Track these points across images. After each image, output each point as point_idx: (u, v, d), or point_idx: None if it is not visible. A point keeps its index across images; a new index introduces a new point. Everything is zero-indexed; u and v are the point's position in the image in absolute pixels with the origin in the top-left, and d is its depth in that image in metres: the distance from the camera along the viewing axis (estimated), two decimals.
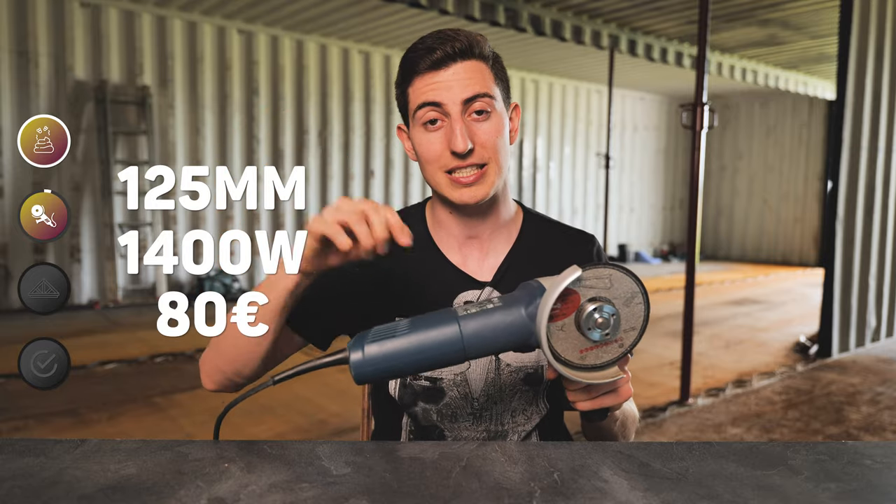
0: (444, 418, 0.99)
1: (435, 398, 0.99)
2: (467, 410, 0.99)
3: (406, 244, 0.76)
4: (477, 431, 1.00)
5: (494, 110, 0.93)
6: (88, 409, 3.39)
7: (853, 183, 4.89)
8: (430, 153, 0.93)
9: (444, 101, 0.90)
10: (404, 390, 1.00)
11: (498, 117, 0.94)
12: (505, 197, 1.02)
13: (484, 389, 0.99)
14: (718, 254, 12.21)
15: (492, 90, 0.93)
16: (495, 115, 0.94)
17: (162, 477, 0.71)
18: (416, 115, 0.93)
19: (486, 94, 0.92)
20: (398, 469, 0.73)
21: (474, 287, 1.00)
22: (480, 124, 0.92)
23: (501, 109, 0.95)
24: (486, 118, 0.93)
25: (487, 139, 0.92)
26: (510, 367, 0.99)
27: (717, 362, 4.58)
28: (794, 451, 0.79)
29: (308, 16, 6.68)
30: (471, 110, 0.92)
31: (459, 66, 0.91)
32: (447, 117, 0.91)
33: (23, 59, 5.85)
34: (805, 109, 11.14)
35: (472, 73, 0.91)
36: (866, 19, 4.79)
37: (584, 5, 6.32)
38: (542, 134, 10.10)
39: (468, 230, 1.01)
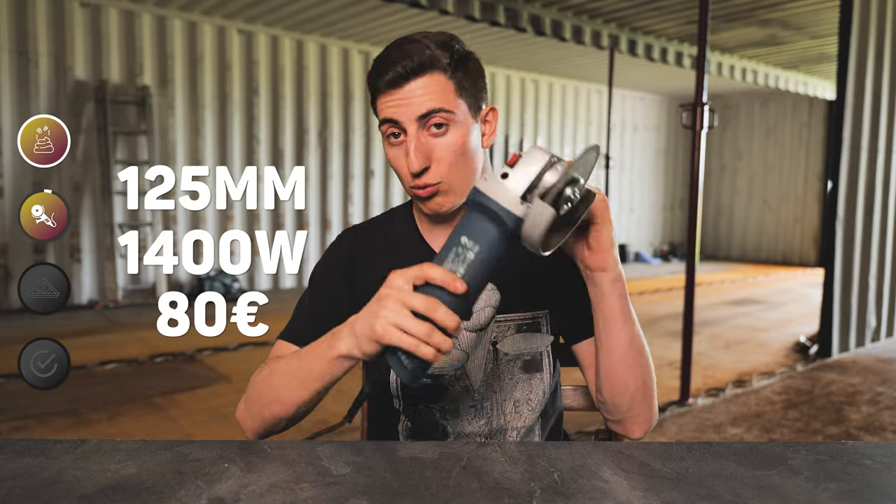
0: (447, 414, 1.00)
1: (437, 396, 1.00)
2: (468, 403, 0.99)
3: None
4: (479, 424, 1.00)
5: (454, 122, 0.92)
6: (88, 409, 3.39)
7: (853, 183, 4.89)
8: (396, 167, 0.95)
9: (400, 118, 0.91)
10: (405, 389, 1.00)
11: (459, 129, 0.93)
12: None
13: (483, 379, 1.00)
14: (718, 254, 12.21)
15: (451, 103, 0.91)
16: (455, 127, 0.93)
17: (162, 477, 0.71)
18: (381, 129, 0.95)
19: (441, 110, 0.91)
20: (398, 469, 0.73)
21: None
22: (438, 139, 0.92)
23: (465, 119, 0.94)
24: (444, 132, 0.92)
25: (444, 155, 0.92)
26: (507, 355, 1.00)
27: (717, 362, 4.58)
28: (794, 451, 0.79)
29: (308, 16, 6.68)
30: (429, 124, 0.91)
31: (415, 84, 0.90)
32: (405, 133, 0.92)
33: (23, 59, 5.85)
34: (805, 109, 11.14)
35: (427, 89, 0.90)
36: (866, 19, 4.79)
37: (584, 5, 6.32)
38: (542, 134, 10.10)
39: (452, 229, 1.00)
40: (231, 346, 4.70)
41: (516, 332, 1.00)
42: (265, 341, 4.91)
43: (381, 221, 1.09)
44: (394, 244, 1.05)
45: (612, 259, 0.86)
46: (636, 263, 10.99)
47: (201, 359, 4.43)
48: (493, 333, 1.00)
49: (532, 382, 1.01)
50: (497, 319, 1.00)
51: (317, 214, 7.76)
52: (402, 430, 1.03)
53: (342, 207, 7.94)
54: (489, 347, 1.00)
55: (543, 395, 1.02)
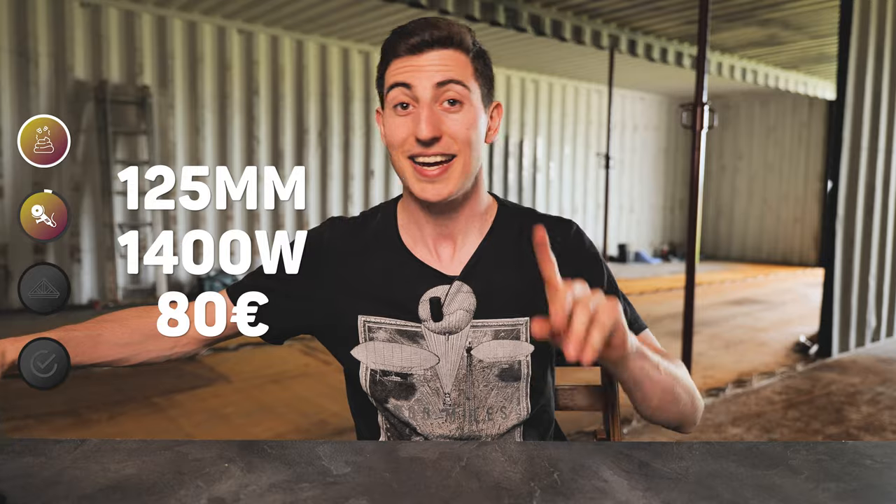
0: (416, 414, 0.97)
1: (406, 394, 0.97)
2: (439, 406, 0.97)
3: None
4: (450, 429, 0.97)
5: (469, 102, 0.91)
6: (88, 409, 3.39)
7: (853, 183, 4.88)
8: (396, 137, 0.91)
9: (415, 83, 0.89)
10: (375, 386, 0.98)
11: (472, 111, 0.91)
12: (477, 193, 1.00)
13: (455, 384, 0.96)
14: (718, 254, 12.21)
15: (468, 81, 0.91)
16: (469, 107, 0.91)
17: (162, 477, 0.71)
18: (388, 97, 0.92)
19: (459, 82, 0.89)
20: (398, 469, 0.73)
21: (442, 282, 0.97)
22: (451, 115, 0.90)
23: (478, 104, 0.93)
24: (458, 109, 0.90)
25: (457, 130, 0.90)
26: (482, 362, 0.96)
27: (717, 362, 4.58)
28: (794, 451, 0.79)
29: (308, 16, 6.68)
30: (443, 98, 0.89)
31: (437, 53, 0.89)
32: (417, 102, 0.89)
33: (23, 59, 5.85)
34: (805, 109, 11.14)
35: (448, 61, 0.90)
36: (866, 19, 4.79)
37: (584, 5, 6.32)
38: (542, 134, 10.10)
39: (439, 227, 0.98)
40: (231, 347, 4.70)
41: (493, 338, 0.97)
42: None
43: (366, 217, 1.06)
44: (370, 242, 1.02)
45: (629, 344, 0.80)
46: (636, 263, 10.99)
47: (201, 359, 4.43)
48: (468, 339, 0.96)
49: (508, 391, 0.97)
50: (474, 325, 0.96)
51: (317, 214, 7.77)
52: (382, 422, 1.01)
53: (342, 207, 7.94)
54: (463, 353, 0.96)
55: (519, 404, 0.98)
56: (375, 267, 0.99)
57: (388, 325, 0.97)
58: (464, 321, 0.96)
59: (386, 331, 0.96)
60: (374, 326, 0.97)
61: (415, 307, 0.96)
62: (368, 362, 0.97)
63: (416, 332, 0.96)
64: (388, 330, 0.96)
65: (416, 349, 0.96)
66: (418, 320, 0.96)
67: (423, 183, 0.91)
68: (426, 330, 0.96)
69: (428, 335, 0.96)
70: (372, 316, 0.97)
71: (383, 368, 0.96)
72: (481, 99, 0.94)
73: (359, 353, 0.97)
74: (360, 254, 1.01)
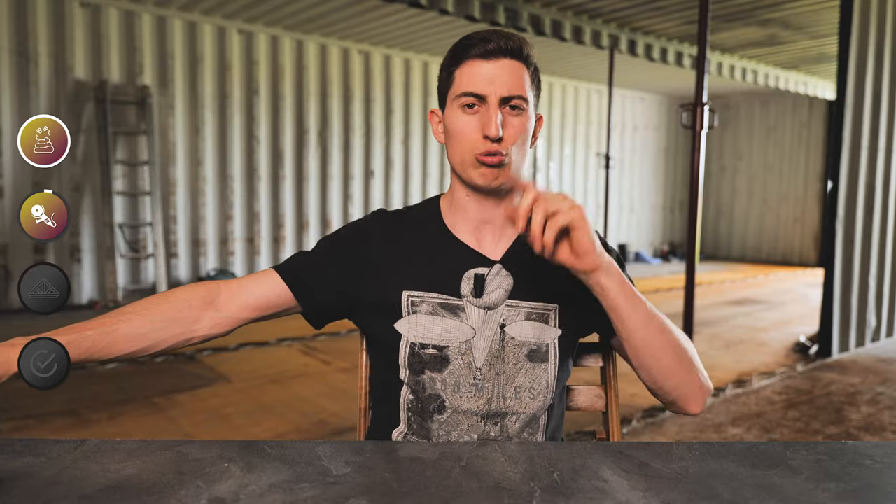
0: (448, 387, 1.02)
1: (441, 366, 1.02)
2: (469, 381, 1.01)
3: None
4: (478, 403, 1.01)
5: (526, 111, 1.01)
6: (88, 409, 3.39)
7: (853, 183, 4.89)
8: (465, 133, 1.00)
9: (486, 92, 0.98)
10: (413, 358, 1.02)
11: (527, 118, 1.02)
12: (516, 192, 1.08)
13: (487, 359, 1.02)
14: (718, 254, 12.21)
15: (527, 94, 1.01)
16: (526, 114, 1.01)
17: (162, 477, 0.71)
18: (457, 98, 1.01)
19: (522, 97, 1.00)
20: (398, 469, 0.73)
21: (483, 265, 1.05)
22: (513, 118, 1.00)
23: (531, 113, 1.03)
24: (518, 114, 1.00)
25: (515, 133, 1.00)
26: (514, 339, 1.03)
27: (717, 362, 4.58)
28: (794, 451, 0.79)
29: (308, 16, 6.68)
30: (506, 105, 0.99)
31: (506, 63, 0.99)
32: (484, 104, 0.99)
33: (23, 59, 5.85)
34: (805, 109, 11.14)
35: (514, 74, 0.99)
36: (866, 19, 4.79)
37: (584, 5, 6.32)
38: (542, 134, 10.10)
39: (483, 213, 1.06)
40: (231, 347, 4.70)
41: (525, 319, 1.04)
42: (265, 341, 4.91)
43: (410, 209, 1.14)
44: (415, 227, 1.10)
45: (599, 257, 0.91)
46: (636, 263, 10.99)
47: (201, 359, 4.43)
48: (502, 316, 1.03)
49: (536, 372, 1.03)
50: (508, 304, 1.04)
51: (317, 214, 7.76)
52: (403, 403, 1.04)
53: (342, 207, 7.94)
54: (497, 329, 1.03)
55: (547, 387, 1.04)
56: (420, 248, 1.07)
57: (430, 299, 1.03)
58: (501, 299, 1.04)
59: (429, 304, 1.03)
60: (417, 300, 1.03)
61: (457, 284, 1.04)
62: (409, 335, 1.03)
63: (457, 305, 1.03)
64: (431, 303, 1.03)
65: (455, 322, 1.02)
66: (460, 296, 1.03)
67: (481, 169, 1.01)
68: (467, 303, 1.03)
69: (469, 308, 1.03)
70: (416, 291, 1.04)
71: (422, 341, 1.02)
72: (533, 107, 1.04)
73: (401, 325, 1.03)
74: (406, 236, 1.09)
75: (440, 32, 7.27)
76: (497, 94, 0.98)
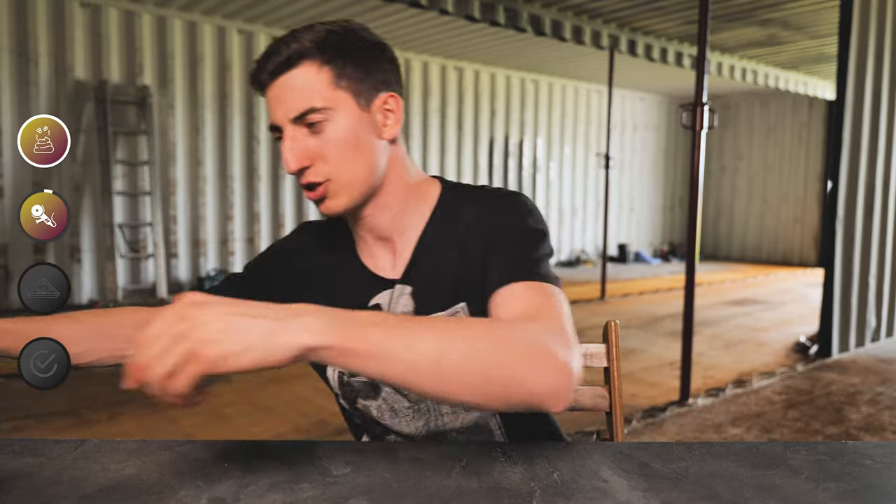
0: (384, 413, 0.98)
1: (373, 394, 0.98)
2: (405, 404, 0.96)
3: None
4: (417, 426, 0.96)
5: (332, 120, 0.86)
6: (88, 409, 3.39)
7: (853, 183, 4.88)
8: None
9: (277, 121, 0.87)
10: (344, 388, 0.98)
11: (341, 123, 0.87)
12: (391, 193, 0.94)
13: None
14: (718, 254, 12.21)
15: (326, 97, 0.85)
16: (336, 122, 0.86)
17: (162, 477, 0.71)
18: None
19: (312, 110, 0.85)
20: (398, 469, 0.73)
21: (385, 287, 0.96)
22: (316, 137, 0.87)
23: (348, 112, 0.87)
24: (321, 129, 0.86)
25: (325, 152, 0.87)
26: None
27: (717, 362, 4.58)
28: (794, 451, 0.79)
29: (308, 16, 6.68)
30: (303, 123, 0.86)
31: (285, 79, 0.85)
32: (284, 133, 0.88)
33: (23, 59, 5.85)
34: (805, 109, 11.14)
35: (297, 85, 0.85)
36: (866, 19, 4.79)
37: (584, 5, 6.32)
38: (542, 134, 10.10)
39: (369, 232, 0.97)
40: None
41: None
42: None
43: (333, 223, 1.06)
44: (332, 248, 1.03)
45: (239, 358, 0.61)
46: (636, 263, 10.99)
47: None
48: None
49: None
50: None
51: (316, 214, 7.76)
52: (354, 427, 1.02)
53: None
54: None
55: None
56: (332, 274, 1.00)
57: None
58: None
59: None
60: None
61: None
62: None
63: None
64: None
65: None
66: None
67: (316, 204, 0.91)
68: None
69: None
70: None
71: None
72: (354, 102, 0.88)
73: None
74: (322, 259, 1.02)
75: (440, 32, 7.27)
76: (287, 117, 0.85)
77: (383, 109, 0.92)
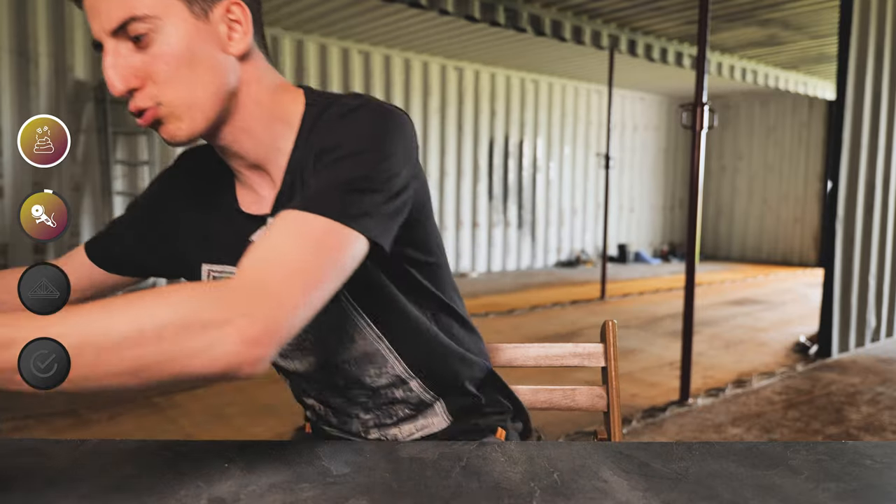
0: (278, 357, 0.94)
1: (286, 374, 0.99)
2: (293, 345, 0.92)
3: None
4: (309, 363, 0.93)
5: (160, 32, 0.73)
6: (88, 409, 3.39)
7: (853, 183, 4.89)
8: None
9: (96, 35, 0.74)
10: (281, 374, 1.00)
11: (169, 35, 0.74)
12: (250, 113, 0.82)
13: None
14: (718, 254, 12.21)
15: (148, 4, 0.72)
16: (163, 35, 0.73)
17: (162, 477, 0.71)
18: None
19: (133, 19, 0.72)
20: (398, 469, 0.73)
21: (258, 224, 0.87)
22: (142, 53, 0.74)
23: (180, 22, 0.74)
24: (146, 44, 0.73)
25: (154, 71, 0.74)
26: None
27: (717, 362, 4.58)
28: (794, 451, 0.79)
29: (308, 16, 6.68)
30: (126, 37, 0.73)
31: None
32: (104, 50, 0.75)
33: (23, 59, 5.85)
34: (805, 109, 11.14)
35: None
36: (866, 19, 4.79)
37: (584, 5, 6.32)
38: (542, 134, 10.10)
39: (238, 161, 0.86)
40: None
41: None
42: None
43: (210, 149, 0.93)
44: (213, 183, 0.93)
45: None
46: (636, 263, 10.99)
47: None
48: None
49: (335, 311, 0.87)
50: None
51: None
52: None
53: None
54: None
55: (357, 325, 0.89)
56: (214, 213, 0.91)
57: (230, 273, 0.89)
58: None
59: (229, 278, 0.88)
60: (218, 276, 0.90)
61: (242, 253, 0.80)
62: None
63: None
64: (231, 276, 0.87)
65: None
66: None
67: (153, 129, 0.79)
68: None
69: None
70: (216, 265, 0.91)
71: None
72: (188, 10, 0.75)
73: None
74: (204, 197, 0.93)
75: (440, 32, 7.27)
76: (105, 29, 0.72)
77: (227, 20, 0.78)
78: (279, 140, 0.84)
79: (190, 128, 0.78)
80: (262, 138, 0.84)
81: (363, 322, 0.89)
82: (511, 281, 8.66)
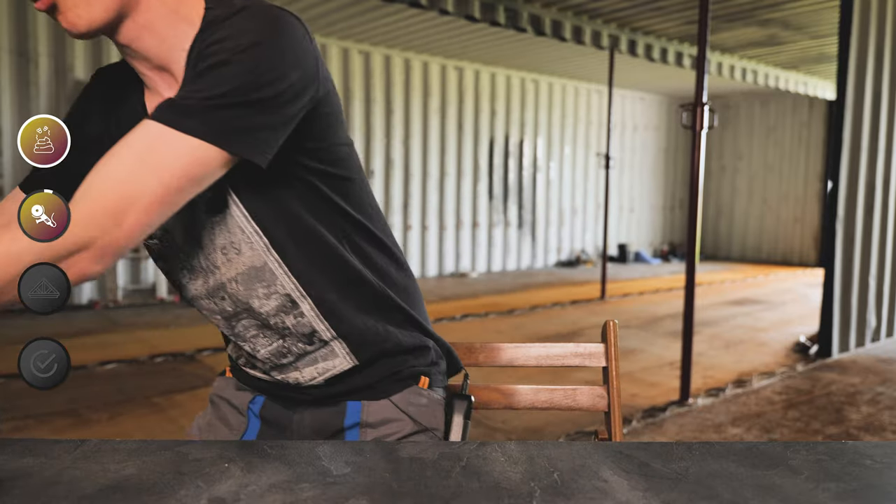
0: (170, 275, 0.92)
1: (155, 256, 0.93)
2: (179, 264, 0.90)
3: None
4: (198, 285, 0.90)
5: None
6: (88, 409, 3.39)
7: (853, 183, 4.89)
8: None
9: None
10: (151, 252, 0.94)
11: None
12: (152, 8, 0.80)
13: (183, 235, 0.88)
14: (718, 254, 12.21)
15: None
16: None
17: (162, 477, 0.71)
18: None
19: None
20: (398, 469, 0.73)
21: None
22: None
23: None
24: None
25: None
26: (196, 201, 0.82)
27: (717, 362, 4.58)
28: (794, 451, 0.79)
29: (308, 16, 6.68)
30: None
31: None
32: None
33: (23, 59, 5.85)
34: (805, 109, 11.14)
35: None
36: (866, 19, 4.79)
37: (584, 5, 6.32)
38: (542, 134, 10.10)
39: (142, 63, 0.84)
40: None
41: None
42: None
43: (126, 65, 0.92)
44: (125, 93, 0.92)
45: None
46: (636, 263, 10.99)
47: (201, 359, 4.42)
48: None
49: (221, 222, 0.85)
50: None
51: None
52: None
53: None
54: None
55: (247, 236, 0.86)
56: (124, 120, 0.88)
57: None
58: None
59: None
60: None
61: None
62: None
63: None
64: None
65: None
66: None
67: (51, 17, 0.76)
68: None
69: None
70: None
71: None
72: None
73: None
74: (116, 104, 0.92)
75: (440, 32, 7.27)
76: None
77: None
78: (183, 40, 0.81)
79: (88, 14, 0.76)
80: (164, 37, 0.81)
81: (251, 229, 0.85)
82: (511, 281, 8.66)
